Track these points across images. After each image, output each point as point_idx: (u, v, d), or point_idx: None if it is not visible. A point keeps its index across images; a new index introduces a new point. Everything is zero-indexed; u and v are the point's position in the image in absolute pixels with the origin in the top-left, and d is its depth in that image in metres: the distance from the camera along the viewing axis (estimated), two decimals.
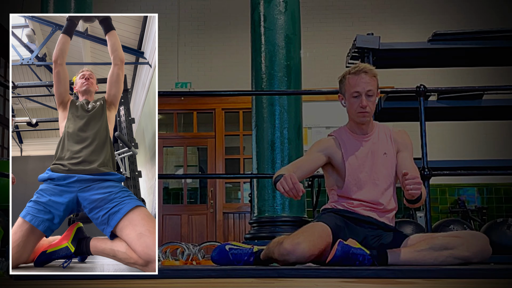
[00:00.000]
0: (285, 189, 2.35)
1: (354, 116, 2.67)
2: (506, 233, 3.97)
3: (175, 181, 8.52)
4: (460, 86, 4.86)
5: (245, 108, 7.78)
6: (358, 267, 2.30)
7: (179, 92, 7.95)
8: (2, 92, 8.24)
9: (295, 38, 4.31)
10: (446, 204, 7.81)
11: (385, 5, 8.46)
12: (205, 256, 3.86)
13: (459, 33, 4.23)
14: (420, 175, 2.87)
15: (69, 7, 4.86)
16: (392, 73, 5.96)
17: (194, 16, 8.55)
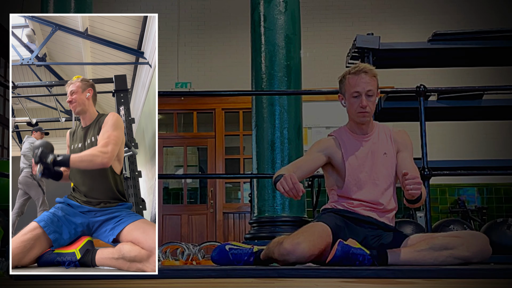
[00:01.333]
0: (285, 189, 2.35)
1: (354, 116, 2.67)
2: (506, 233, 3.97)
3: (175, 181, 8.52)
4: (460, 86, 4.86)
5: (245, 108, 7.78)
6: (358, 267, 2.30)
7: (179, 92, 7.95)
8: (2, 92, 8.24)
9: (295, 38, 4.31)
10: (446, 204, 7.81)
11: (385, 5, 8.46)
12: (205, 256, 3.86)
13: (459, 33, 4.23)
14: (420, 175, 2.87)
15: (69, 7, 4.85)
16: (392, 73, 5.96)
17: (194, 16, 8.55)
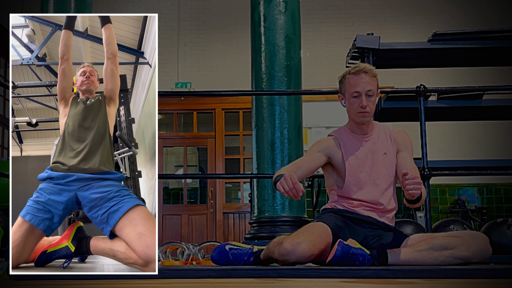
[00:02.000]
0: (285, 189, 2.35)
1: (354, 116, 2.67)
2: (506, 233, 3.97)
3: (175, 181, 8.52)
4: (460, 86, 4.86)
5: (245, 108, 7.78)
6: (358, 267, 2.30)
7: (179, 92, 7.95)
8: (2, 92, 8.24)
9: (295, 38, 4.31)
10: (446, 204, 7.81)
11: (385, 5, 8.46)
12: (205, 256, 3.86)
13: (459, 33, 4.23)
14: (420, 175, 2.87)
15: (69, 7, 4.86)
16: (392, 73, 5.96)
17: (194, 16, 8.55)
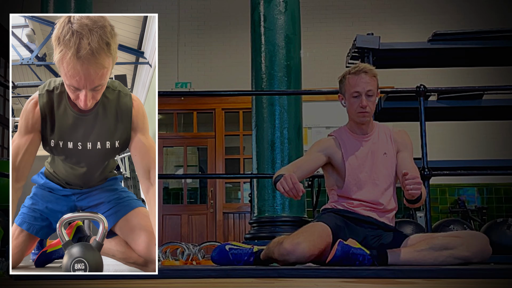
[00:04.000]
0: (285, 189, 2.35)
1: (354, 116, 2.67)
2: (506, 233, 3.97)
3: (175, 181, 8.52)
4: (460, 86, 4.86)
5: (245, 108, 7.78)
6: (358, 267, 2.30)
7: (179, 92, 7.95)
8: (2, 92, 8.24)
9: (295, 38, 4.31)
10: (446, 204, 7.81)
11: (385, 5, 8.46)
12: (205, 256, 3.86)
13: (459, 33, 4.23)
14: (420, 175, 2.87)
15: (69, 7, 4.86)
16: (392, 73, 5.95)
17: (194, 16, 8.55)
